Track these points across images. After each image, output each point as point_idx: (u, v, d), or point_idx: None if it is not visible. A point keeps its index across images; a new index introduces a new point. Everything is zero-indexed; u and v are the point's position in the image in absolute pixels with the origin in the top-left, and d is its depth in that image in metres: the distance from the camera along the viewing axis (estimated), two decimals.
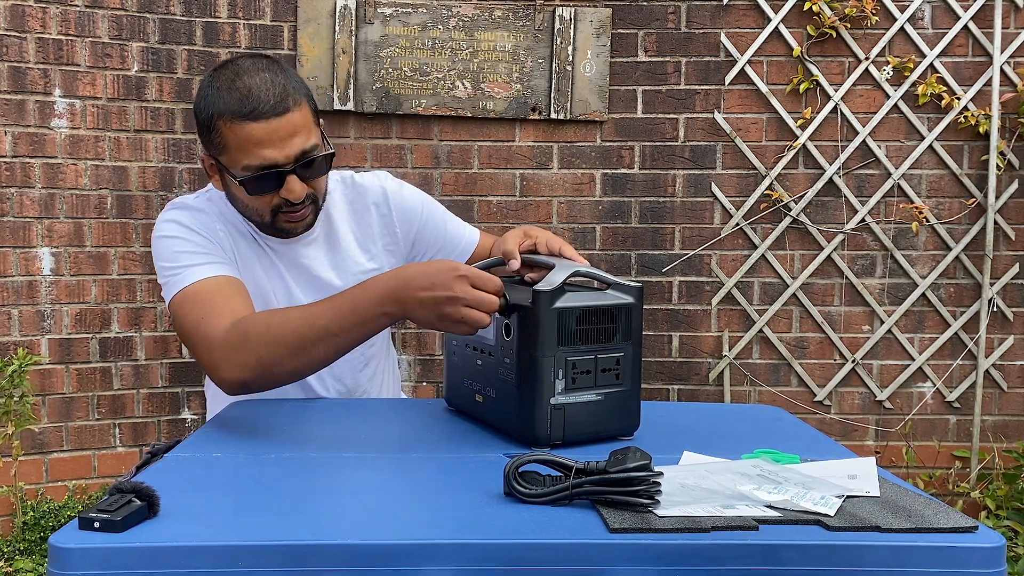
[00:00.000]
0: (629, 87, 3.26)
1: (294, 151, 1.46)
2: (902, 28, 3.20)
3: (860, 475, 1.11)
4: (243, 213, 1.57)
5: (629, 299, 1.29)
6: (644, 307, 1.41)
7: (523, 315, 1.25)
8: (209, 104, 1.47)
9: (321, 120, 1.55)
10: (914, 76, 3.19)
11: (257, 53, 1.52)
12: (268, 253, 1.62)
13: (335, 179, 1.69)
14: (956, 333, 3.28)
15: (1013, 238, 3.25)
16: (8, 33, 2.95)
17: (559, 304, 1.24)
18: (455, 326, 1.24)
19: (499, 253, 1.47)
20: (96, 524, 0.89)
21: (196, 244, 1.53)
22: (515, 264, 1.38)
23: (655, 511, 0.96)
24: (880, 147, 3.24)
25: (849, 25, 3.19)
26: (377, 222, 1.69)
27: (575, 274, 1.32)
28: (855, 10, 3.14)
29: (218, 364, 1.39)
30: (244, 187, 1.48)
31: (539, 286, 1.25)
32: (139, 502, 0.92)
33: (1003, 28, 3.17)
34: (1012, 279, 3.26)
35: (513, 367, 1.27)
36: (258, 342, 1.34)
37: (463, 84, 3.22)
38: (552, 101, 3.22)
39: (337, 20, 3.16)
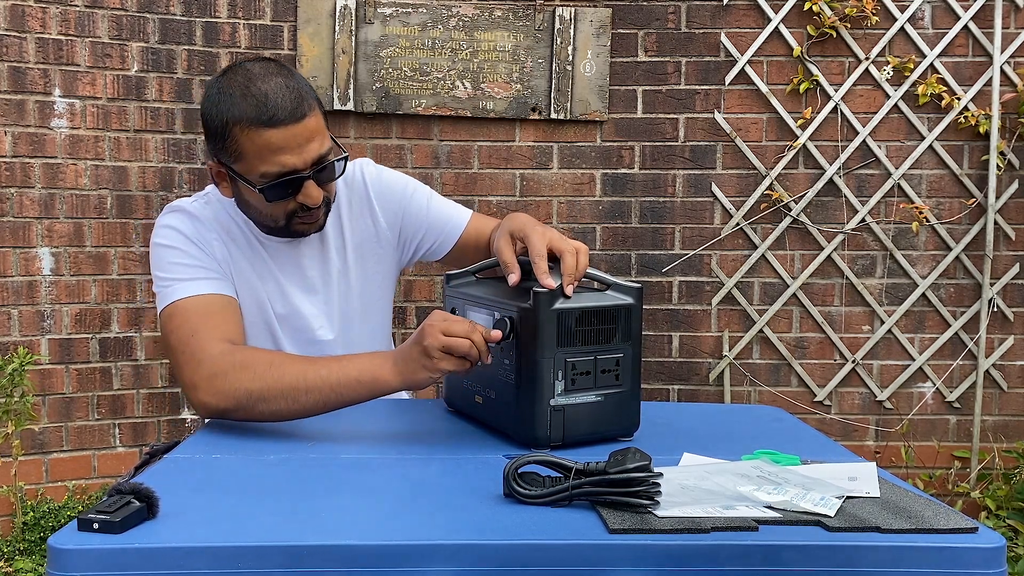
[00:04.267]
0: (629, 87, 3.26)
1: (311, 156, 1.45)
2: (902, 28, 3.19)
3: (860, 477, 1.11)
4: (254, 219, 1.55)
5: (629, 300, 1.29)
6: (644, 307, 1.40)
7: (522, 316, 1.25)
8: (223, 110, 1.43)
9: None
10: (914, 76, 3.19)
11: (262, 56, 1.49)
12: (262, 254, 1.59)
13: None
14: (956, 333, 3.27)
15: (1013, 238, 3.25)
16: (8, 33, 2.95)
17: (558, 305, 1.24)
18: (447, 368, 1.26)
19: (495, 252, 1.43)
20: (95, 525, 0.89)
21: (192, 256, 1.52)
22: (514, 279, 1.33)
23: (655, 512, 0.96)
24: (880, 147, 3.24)
25: (849, 25, 3.19)
26: (363, 214, 1.66)
27: None
28: (855, 10, 3.14)
29: (202, 385, 1.37)
30: (263, 194, 1.46)
31: (538, 287, 1.25)
32: (138, 503, 0.92)
33: (1003, 28, 3.17)
34: (1012, 279, 3.26)
35: (513, 368, 1.27)
36: (253, 375, 1.33)
37: (463, 84, 3.21)
38: (552, 101, 3.22)
39: (337, 20, 3.16)
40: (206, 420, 1.43)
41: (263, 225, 1.56)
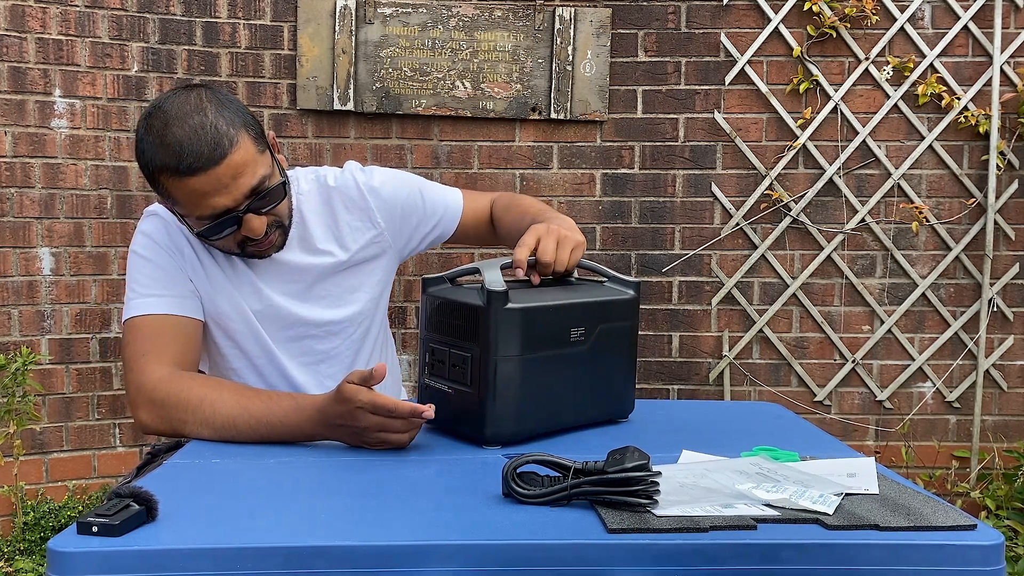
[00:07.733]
0: (629, 87, 3.26)
1: (242, 192, 1.43)
2: (902, 28, 3.19)
3: (859, 473, 1.11)
4: (211, 246, 1.56)
5: (478, 303, 1.26)
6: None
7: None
8: (148, 160, 1.42)
9: (271, 140, 1.51)
10: (914, 76, 3.19)
11: (186, 85, 1.47)
12: (235, 257, 1.60)
13: (309, 179, 1.67)
14: (956, 333, 3.27)
15: (1013, 238, 3.25)
16: (8, 33, 2.95)
17: (431, 291, 1.35)
18: (381, 446, 1.28)
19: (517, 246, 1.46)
20: (94, 528, 0.89)
21: (160, 268, 1.54)
22: (519, 274, 1.36)
23: (653, 511, 0.96)
24: (880, 147, 3.24)
25: (849, 25, 3.19)
26: (358, 218, 1.67)
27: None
28: (855, 10, 3.14)
29: (140, 405, 1.44)
30: (204, 236, 1.47)
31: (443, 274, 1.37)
32: (137, 506, 0.92)
33: (1003, 28, 3.17)
34: (1012, 279, 3.26)
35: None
36: (185, 412, 1.39)
37: (463, 84, 3.22)
38: (552, 101, 3.22)
39: (337, 20, 3.16)
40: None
41: (221, 251, 1.57)
